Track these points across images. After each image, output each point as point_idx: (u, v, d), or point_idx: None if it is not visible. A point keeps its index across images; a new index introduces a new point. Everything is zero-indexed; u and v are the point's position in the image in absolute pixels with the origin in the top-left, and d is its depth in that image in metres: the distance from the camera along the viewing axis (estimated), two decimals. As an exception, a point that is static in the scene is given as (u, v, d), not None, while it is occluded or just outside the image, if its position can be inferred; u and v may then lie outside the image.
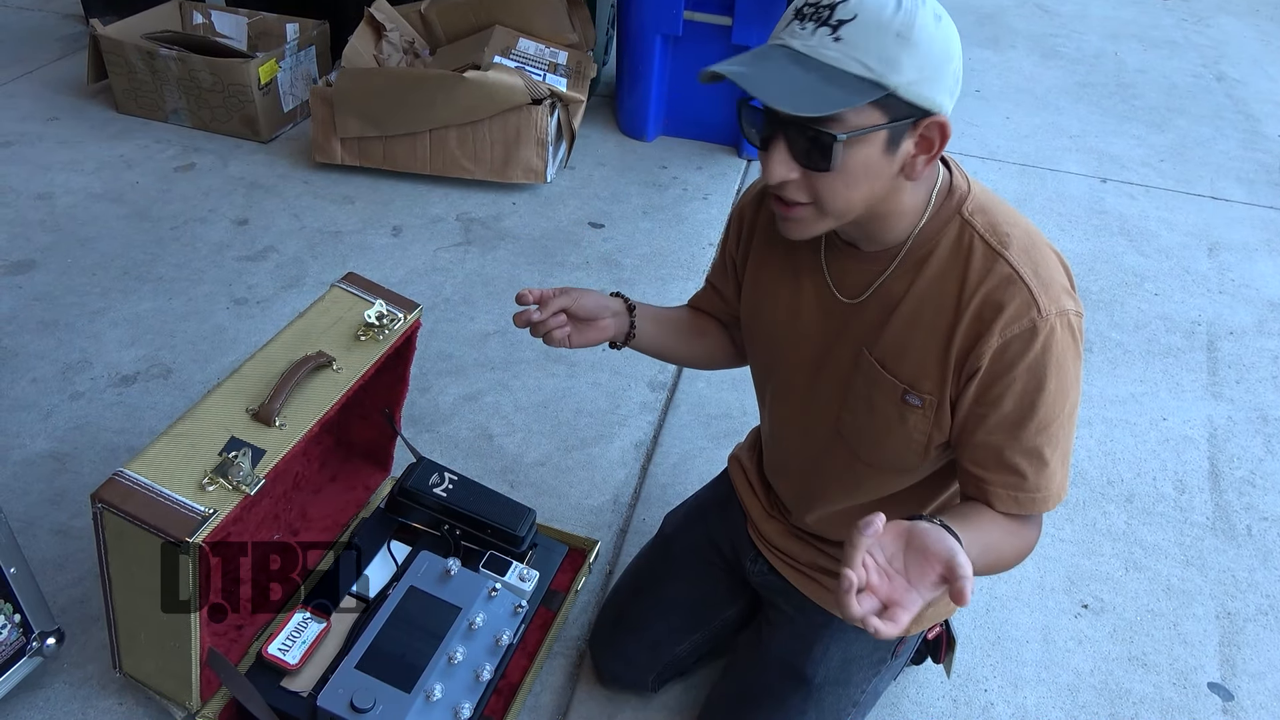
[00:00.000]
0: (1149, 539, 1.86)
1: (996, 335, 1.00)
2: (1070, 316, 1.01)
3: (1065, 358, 1.01)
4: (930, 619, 1.34)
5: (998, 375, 1.02)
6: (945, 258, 1.04)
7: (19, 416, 1.97)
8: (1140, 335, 2.42)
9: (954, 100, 0.96)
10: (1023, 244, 1.02)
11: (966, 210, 1.04)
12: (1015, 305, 0.99)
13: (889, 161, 0.96)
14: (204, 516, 1.13)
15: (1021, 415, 1.03)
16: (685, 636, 1.47)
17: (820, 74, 0.90)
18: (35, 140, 2.97)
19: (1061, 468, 1.07)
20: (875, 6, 0.89)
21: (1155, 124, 3.58)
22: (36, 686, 1.47)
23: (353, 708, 1.32)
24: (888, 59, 0.89)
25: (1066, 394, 1.02)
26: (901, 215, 1.04)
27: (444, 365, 2.17)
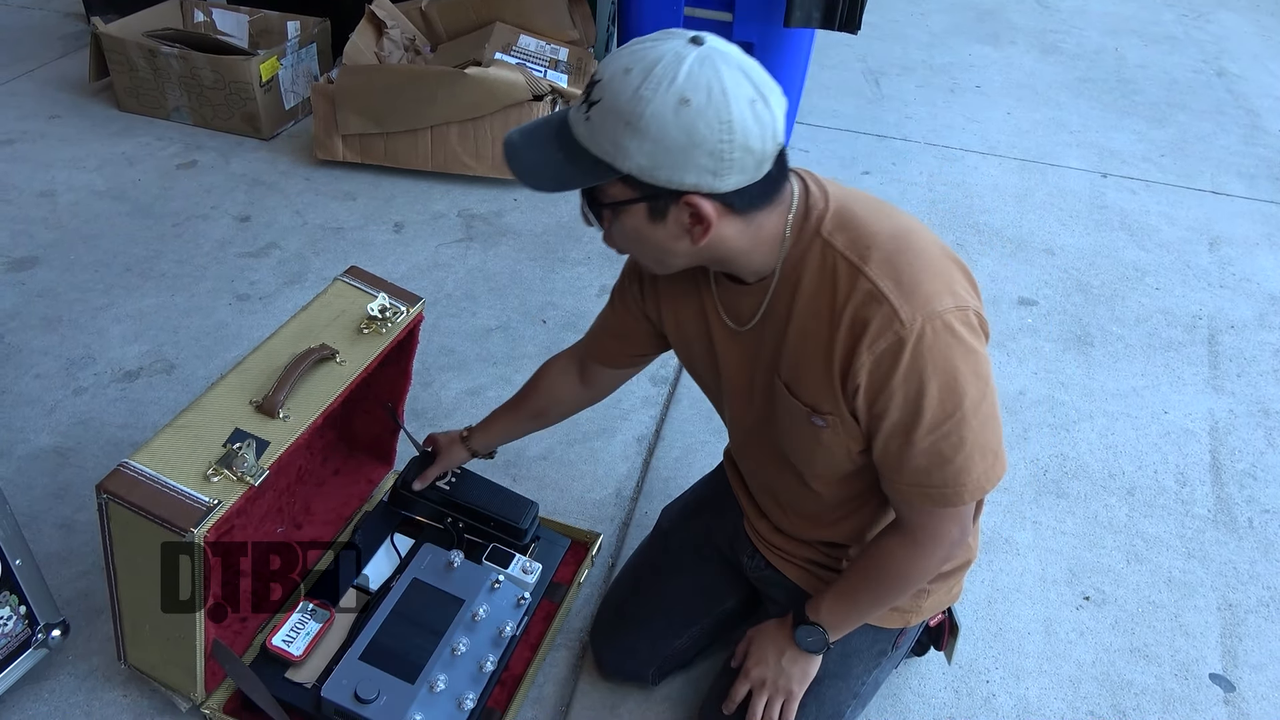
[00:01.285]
0: (1150, 531, 1.86)
1: (865, 352, 1.01)
2: (945, 316, 0.99)
3: (945, 358, 0.99)
4: (930, 609, 1.35)
5: (877, 390, 1.02)
6: (814, 280, 1.05)
7: (23, 412, 1.97)
8: (1141, 329, 2.42)
9: (728, 176, 0.94)
10: (885, 253, 1.01)
11: (825, 230, 1.04)
12: (878, 321, 0.99)
13: (662, 229, 0.99)
14: (209, 507, 1.14)
15: (911, 421, 1.03)
16: (684, 630, 1.48)
17: (568, 152, 0.96)
18: (37, 138, 2.97)
19: (976, 461, 1.04)
20: (614, 91, 0.92)
21: (1156, 119, 3.58)
22: (42, 678, 1.47)
23: (357, 698, 1.32)
24: (616, 145, 0.93)
25: (957, 392, 1.00)
26: (753, 252, 1.05)
27: (446, 360, 2.18)
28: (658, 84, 0.89)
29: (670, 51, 0.91)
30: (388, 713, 1.32)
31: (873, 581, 1.21)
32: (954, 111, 3.54)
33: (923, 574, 1.18)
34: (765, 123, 0.93)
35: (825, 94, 3.56)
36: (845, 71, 3.80)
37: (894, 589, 1.20)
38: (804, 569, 1.36)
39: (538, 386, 1.51)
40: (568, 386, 1.49)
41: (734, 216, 0.99)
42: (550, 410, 1.54)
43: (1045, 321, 2.43)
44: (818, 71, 3.46)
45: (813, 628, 1.24)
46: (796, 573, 1.37)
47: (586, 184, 0.98)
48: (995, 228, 2.82)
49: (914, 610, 1.32)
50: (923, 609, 1.33)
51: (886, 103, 3.57)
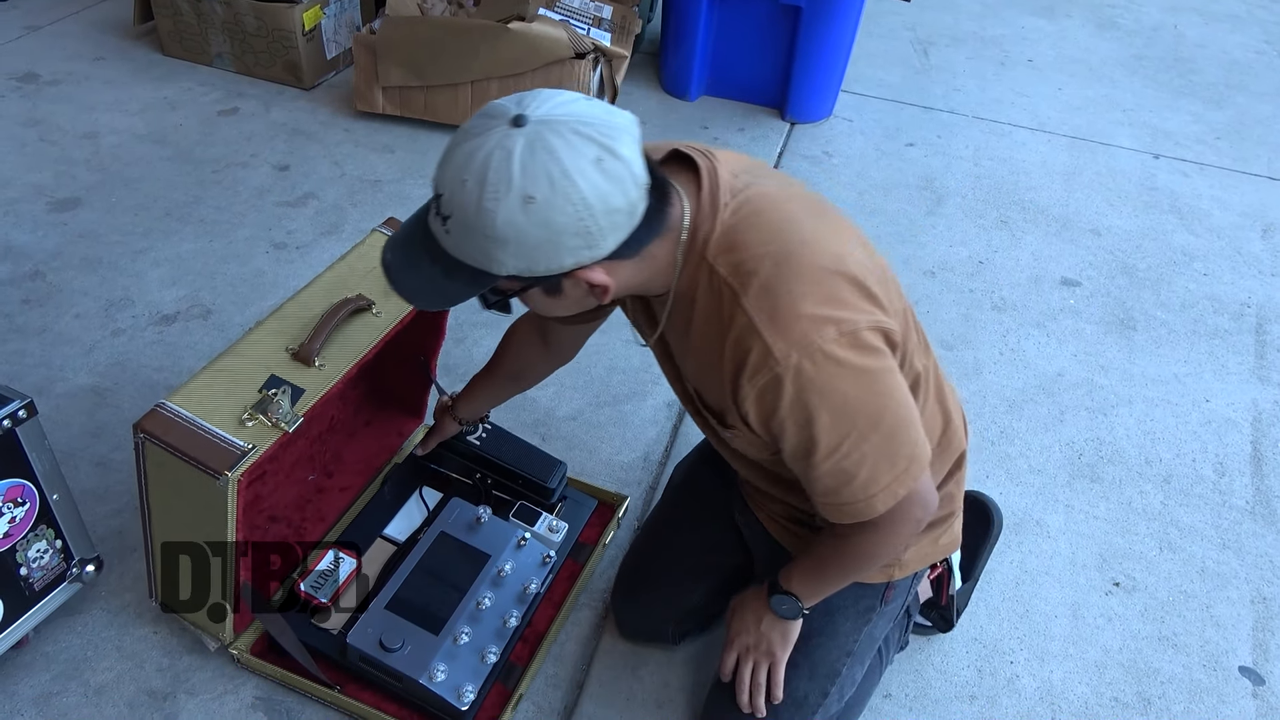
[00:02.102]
0: (1185, 520, 1.83)
1: (747, 385, 1.00)
2: (826, 346, 0.96)
3: (830, 388, 0.97)
4: (917, 561, 1.32)
5: (766, 419, 1.02)
6: (705, 303, 1.03)
7: (62, 350, 2.00)
8: (1186, 315, 2.37)
9: (604, 240, 0.92)
10: (764, 281, 0.98)
11: (710, 255, 1.01)
12: (754, 356, 0.98)
13: (564, 298, 1.01)
14: (243, 451, 1.15)
15: (807, 448, 1.02)
16: (696, 586, 1.47)
17: (444, 265, 0.95)
18: (82, 79, 2.99)
19: (883, 473, 1.03)
20: (459, 206, 0.90)
21: (1213, 100, 3.47)
22: (75, 612, 1.50)
23: (382, 647, 1.34)
24: (485, 255, 0.92)
25: (850, 415, 0.99)
26: (650, 280, 1.04)
27: (480, 317, 2.17)
28: (495, 191, 0.87)
29: (495, 148, 0.88)
30: (411, 662, 1.33)
31: (839, 557, 1.20)
32: (1004, 85, 3.45)
33: (888, 552, 1.17)
34: (620, 176, 0.90)
35: (872, 63, 3.48)
36: (894, 40, 3.72)
37: (859, 566, 1.20)
38: (784, 526, 1.36)
39: (506, 350, 1.51)
40: (533, 349, 1.49)
41: (626, 261, 0.98)
42: (523, 373, 1.54)
43: (1088, 303, 2.38)
44: (865, 40, 3.38)
45: (786, 596, 1.24)
46: (778, 529, 1.36)
47: (470, 295, 0.97)
48: (1041, 206, 2.76)
49: (896, 564, 1.30)
50: (906, 563, 1.31)
51: (934, 74, 3.49)
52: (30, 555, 1.33)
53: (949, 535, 1.35)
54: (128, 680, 1.43)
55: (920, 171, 2.87)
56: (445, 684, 1.33)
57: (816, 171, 2.82)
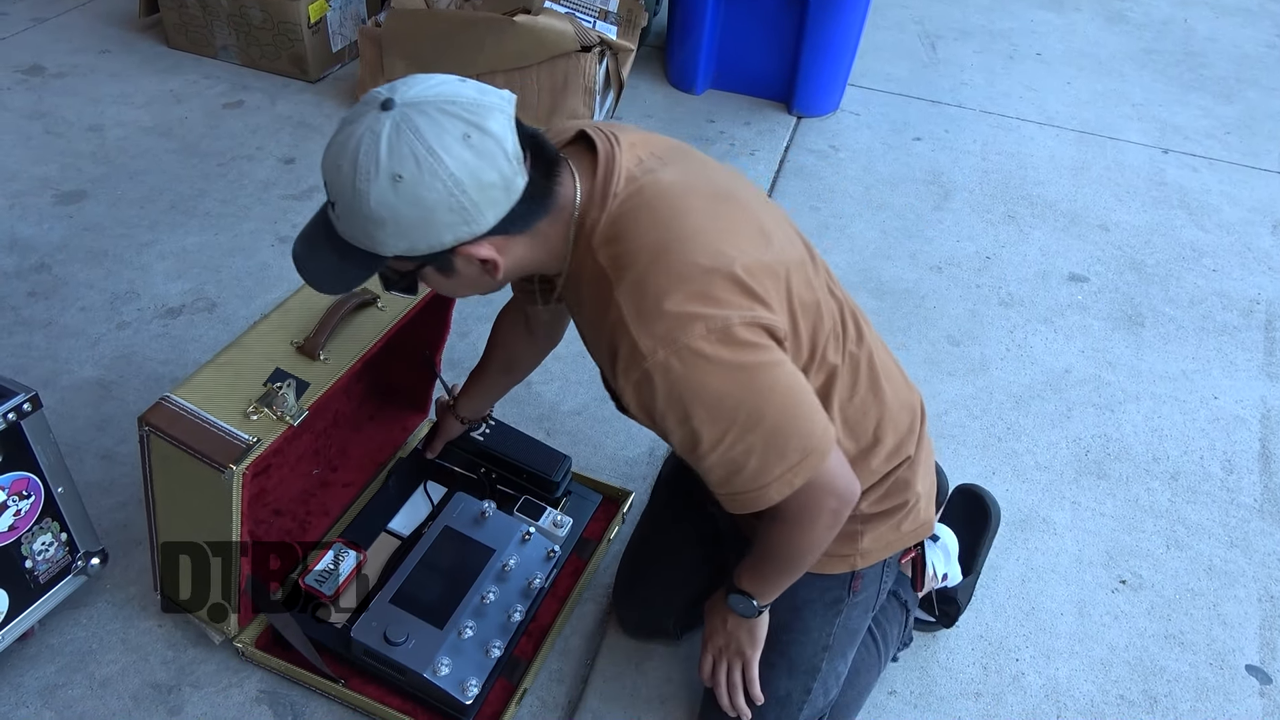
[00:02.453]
0: (1193, 518, 1.82)
1: (622, 380, 0.99)
2: (694, 343, 0.95)
3: (701, 384, 0.96)
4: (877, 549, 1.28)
5: (648, 414, 1.01)
6: (590, 292, 1.03)
7: (68, 343, 2.00)
8: (1195, 311, 2.36)
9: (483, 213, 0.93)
10: (636, 275, 0.97)
11: (595, 243, 1.01)
12: (624, 353, 0.98)
13: (458, 277, 1.01)
14: (248, 445, 1.15)
15: (691, 442, 1.01)
16: (691, 578, 1.46)
17: (341, 252, 0.98)
18: (87, 72, 2.99)
19: (773, 463, 1.01)
20: (339, 190, 0.93)
21: (1223, 95, 3.45)
22: (80, 604, 1.50)
23: (386, 640, 1.34)
24: (368, 236, 0.94)
25: (727, 409, 0.97)
26: (546, 260, 1.04)
27: (484, 311, 2.17)
28: (366, 171, 0.90)
29: (365, 131, 0.90)
30: (416, 656, 1.33)
31: (770, 556, 1.18)
32: (1012, 79, 3.43)
33: (814, 545, 1.14)
34: (490, 151, 0.91)
35: (879, 56, 3.47)
36: (901, 33, 3.70)
37: (790, 558, 1.17)
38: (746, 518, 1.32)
39: (494, 344, 1.51)
40: (518, 338, 1.48)
41: (515, 238, 0.99)
42: (514, 364, 1.53)
43: (1095, 299, 2.37)
44: (872, 33, 3.37)
45: (740, 594, 1.22)
46: (741, 521, 1.31)
47: (366, 277, 1.00)
48: (1049, 200, 2.74)
49: (854, 553, 1.26)
50: (863, 549, 1.27)
51: (942, 67, 3.48)
52: (35, 548, 1.33)
53: (912, 521, 1.29)
54: (132, 673, 1.44)
55: (927, 166, 2.86)
56: (449, 678, 1.33)
57: (823, 166, 2.81)
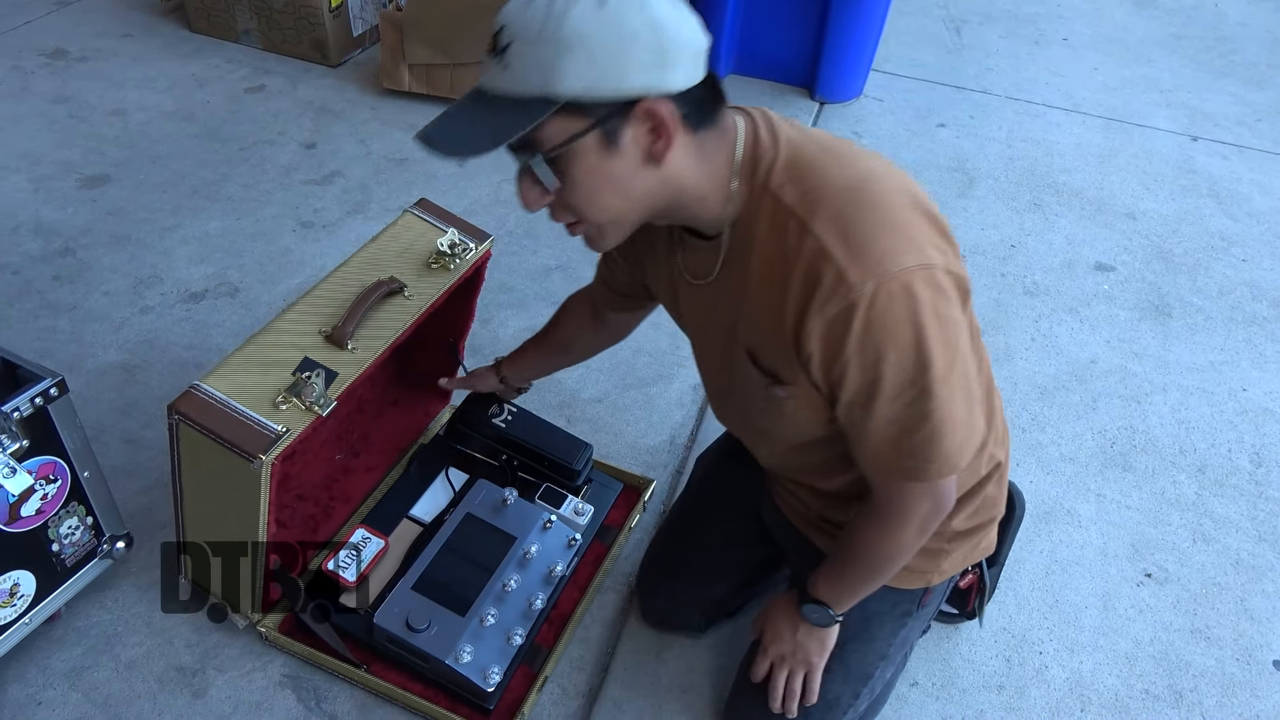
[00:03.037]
0: (1220, 511, 1.80)
1: (815, 317, 0.93)
2: (904, 276, 0.90)
3: (901, 323, 0.91)
4: (953, 567, 1.28)
5: (831, 358, 0.95)
6: (767, 238, 0.97)
7: (92, 327, 2.01)
8: (1223, 302, 2.32)
9: (675, 69, 0.88)
10: (835, 207, 0.92)
11: (774, 182, 0.96)
12: (826, 283, 0.91)
13: (620, 159, 0.91)
14: (278, 435, 1.15)
15: (870, 391, 0.95)
16: (722, 579, 1.46)
17: (492, 108, 0.89)
18: (110, 56, 2.99)
19: (947, 434, 0.97)
20: (524, 24, 0.86)
21: (1254, 81, 3.39)
22: (106, 587, 1.52)
23: (408, 627, 1.34)
24: (548, 70, 0.86)
25: (919, 359, 0.92)
26: (704, 198, 0.98)
27: (506, 298, 2.17)
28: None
29: None
30: (438, 643, 1.33)
31: (854, 561, 1.16)
32: (1038, 65, 3.39)
33: (900, 551, 1.11)
34: (687, 16, 0.89)
35: (903, 42, 3.43)
36: (925, 19, 3.65)
37: (876, 568, 1.15)
38: (815, 525, 1.31)
39: (560, 321, 1.51)
40: (584, 325, 1.48)
41: (687, 133, 0.93)
42: (572, 346, 1.53)
43: (1122, 288, 2.34)
44: (896, 18, 3.33)
45: (816, 604, 1.20)
46: (808, 528, 1.32)
47: (525, 126, 0.88)
48: (1075, 188, 2.71)
49: (933, 570, 1.26)
50: (943, 568, 1.26)
51: (967, 53, 3.43)
52: (62, 532, 1.34)
53: (987, 540, 1.31)
54: (157, 656, 1.45)
55: (951, 153, 2.82)
56: (471, 665, 1.33)
57: (846, 152, 2.78)
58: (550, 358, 1.56)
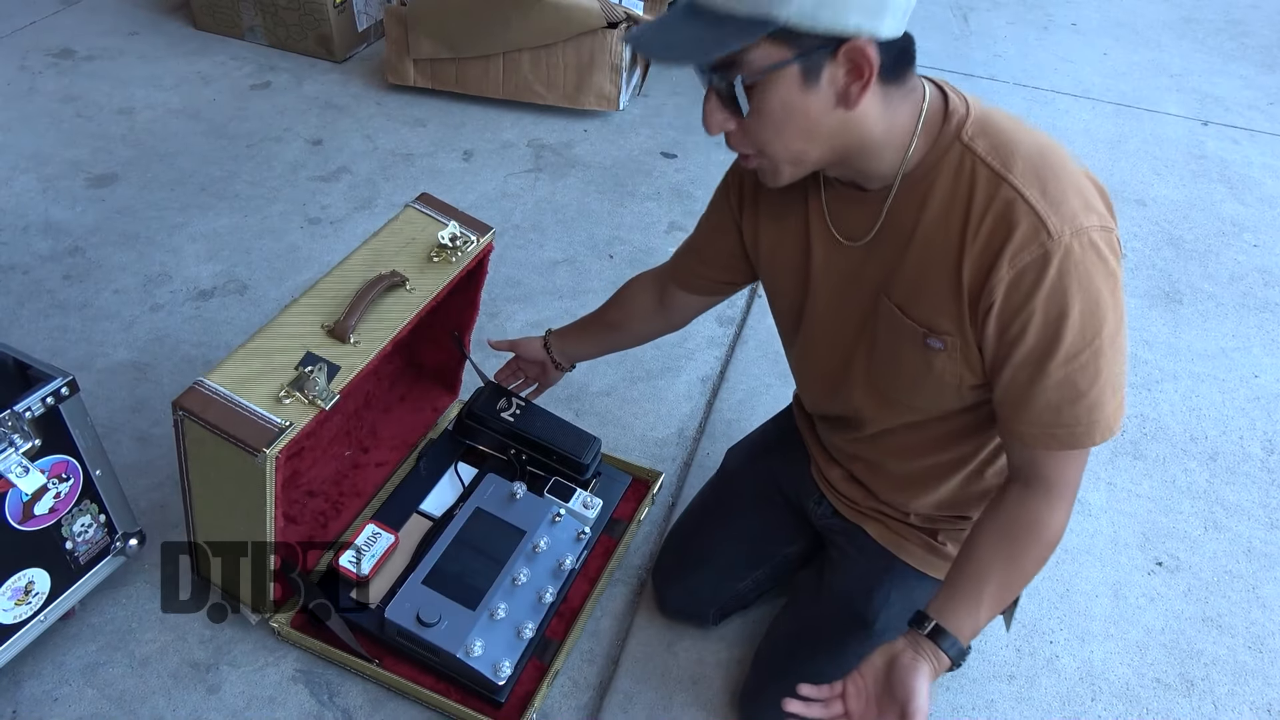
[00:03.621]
0: (1231, 499, 1.79)
1: (1006, 266, 0.94)
2: (1092, 234, 0.92)
3: (1090, 279, 0.93)
4: None
5: (1016, 309, 0.95)
6: (948, 188, 0.98)
7: (103, 326, 2.02)
8: (1235, 288, 2.31)
9: (887, 17, 0.88)
10: (1030, 162, 0.94)
11: (966, 134, 0.97)
12: (1022, 231, 0.93)
13: (815, 97, 0.91)
14: (280, 428, 1.15)
15: (1047, 347, 0.96)
16: (747, 572, 1.47)
17: (706, 21, 0.88)
18: (117, 55, 3.00)
19: (1109, 397, 0.98)
20: None
21: (1266, 64, 3.36)
22: (119, 584, 1.53)
23: (419, 621, 1.35)
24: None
25: (1098, 318, 0.94)
26: (883, 147, 0.98)
27: (512, 291, 2.17)
28: None
29: None
30: (449, 637, 1.34)
31: (1006, 559, 1.04)
32: (1046, 50, 3.36)
33: (1057, 533, 1.04)
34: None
35: (910, 28, 3.39)
36: (932, 6, 3.63)
37: (1031, 558, 1.04)
38: (872, 518, 1.33)
39: (619, 297, 1.50)
40: (645, 304, 1.47)
41: (881, 86, 0.93)
42: (625, 324, 1.51)
43: (1132, 275, 2.32)
44: (903, 4, 3.31)
45: (948, 636, 1.02)
46: (864, 520, 1.34)
47: (737, 44, 0.87)
48: (1084, 175, 2.69)
49: None
50: None
51: (974, 39, 3.41)
52: (75, 529, 1.35)
53: None
54: (171, 651, 1.46)
55: (959, 141, 2.81)
56: (482, 659, 1.33)
57: (853, 142, 2.77)
58: (602, 335, 1.55)
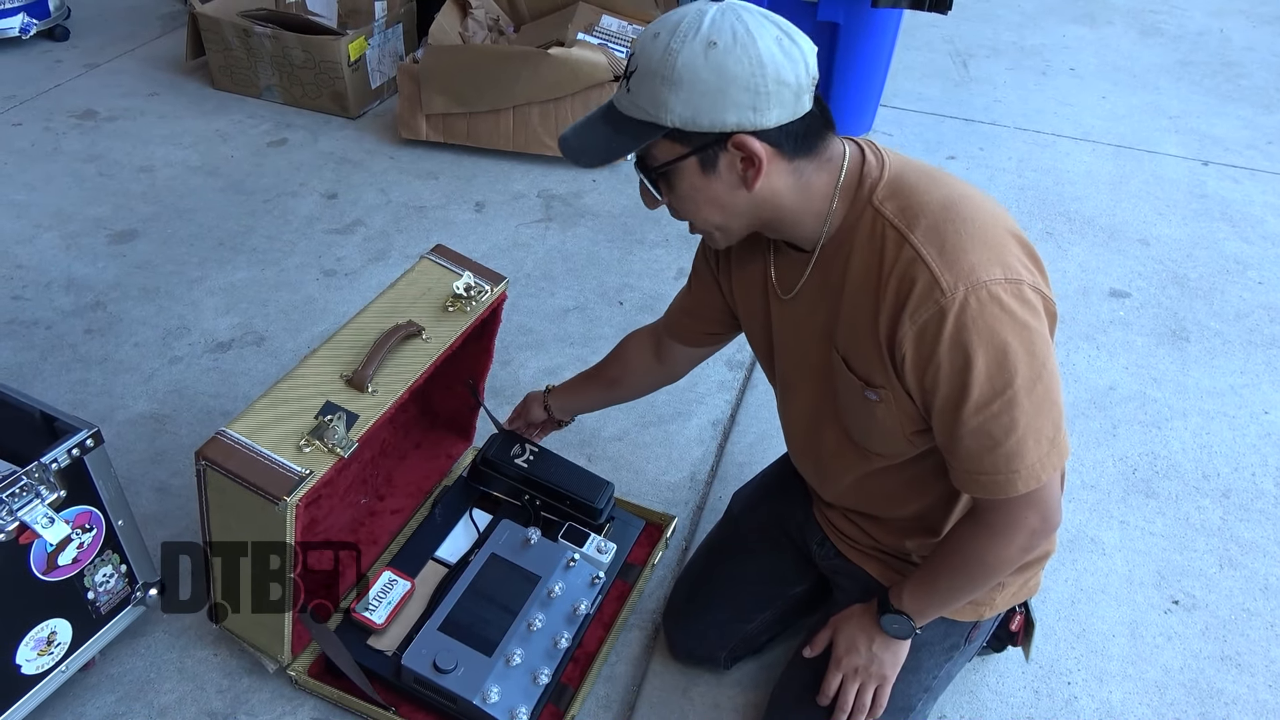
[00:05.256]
0: (1246, 536, 1.79)
1: (908, 321, 0.99)
2: (991, 287, 0.96)
3: (993, 331, 0.96)
4: (1005, 603, 1.31)
5: (923, 361, 1.00)
6: (864, 249, 1.04)
7: (123, 379, 2.06)
8: (1241, 325, 2.32)
9: (770, 109, 0.96)
10: (932, 220, 1.00)
11: (877, 198, 1.03)
12: (919, 288, 0.98)
13: (717, 181, 1.02)
14: (301, 477, 1.17)
15: (958, 396, 0.99)
16: (755, 614, 1.47)
17: (614, 125, 1.01)
18: (137, 115, 3.09)
19: (1029, 448, 1.01)
20: (647, 55, 0.97)
21: (1263, 105, 3.41)
22: (139, 634, 1.54)
23: (436, 668, 1.35)
24: (657, 101, 0.97)
25: (1007, 369, 0.97)
26: (801, 214, 1.06)
27: (525, 339, 2.20)
28: (684, 37, 0.94)
29: (693, 10, 0.96)
30: (465, 683, 1.34)
31: (952, 570, 1.18)
32: (1046, 95, 3.42)
33: (1002, 564, 1.13)
34: (795, 57, 0.95)
35: (911, 76, 3.48)
36: (932, 53, 3.70)
37: (973, 578, 1.17)
38: (873, 557, 1.35)
39: (617, 355, 1.55)
40: (643, 359, 1.51)
41: (782, 161, 1.01)
42: (624, 380, 1.55)
43: (1138, 314, 2.34)
44: (903, 53, 3.38)
45: (897, 614, 1.23)
46: (865, 560, 1.36)
47: (634, 148, 1.01)
48: (1087, 216, 2.72)
49: (988, 604, 1.29)
50: (997, 603, 1.30)
51: (974, 85, 3.47)
52: (97, 579, 1.37)
53: (1036, 579, 1.34)
54: (189, 701, 1.47)
55: (962, 184, 2.85)
56: (499, 705, 1.34)
57: (857, 187, 2.82)
58: (598, 392, 1.59)
